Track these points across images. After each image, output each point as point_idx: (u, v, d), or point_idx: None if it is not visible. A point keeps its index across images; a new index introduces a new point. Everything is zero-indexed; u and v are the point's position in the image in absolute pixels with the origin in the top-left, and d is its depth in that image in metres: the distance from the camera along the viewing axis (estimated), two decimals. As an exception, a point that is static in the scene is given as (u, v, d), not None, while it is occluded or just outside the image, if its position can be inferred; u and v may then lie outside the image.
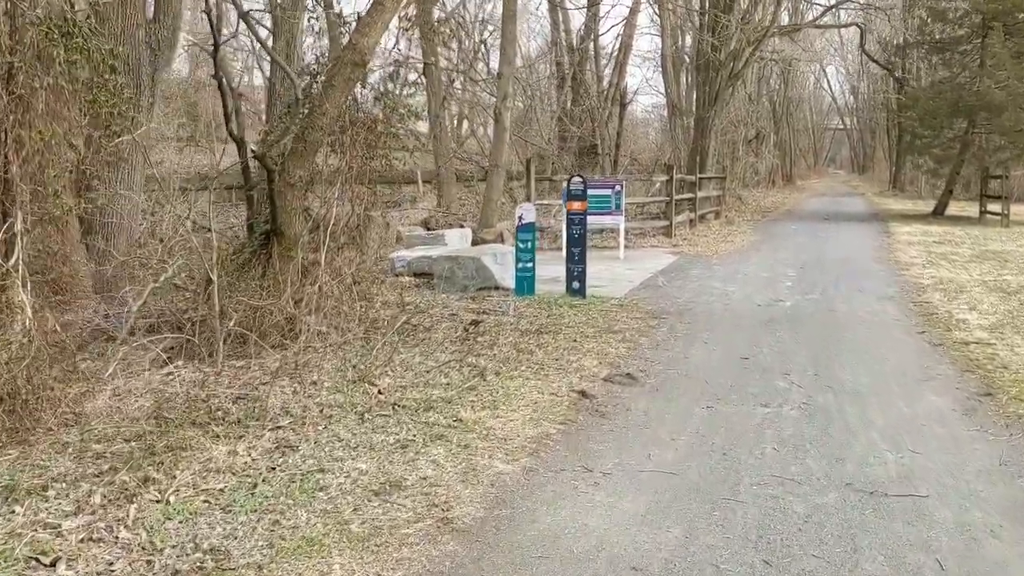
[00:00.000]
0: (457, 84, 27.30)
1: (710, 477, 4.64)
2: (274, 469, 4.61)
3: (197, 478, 4.43)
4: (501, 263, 10.81)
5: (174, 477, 4.41)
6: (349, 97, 8.12)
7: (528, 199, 16.19)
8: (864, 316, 9.33)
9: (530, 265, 10.31)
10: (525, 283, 10.32)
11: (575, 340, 7.88)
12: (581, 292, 10.21)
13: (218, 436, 5.03)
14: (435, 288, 11.01)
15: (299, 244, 8.11)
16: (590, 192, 14.26)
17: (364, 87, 8.40)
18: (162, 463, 4.56)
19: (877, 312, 9.58)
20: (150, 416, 5.33)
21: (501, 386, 6.25)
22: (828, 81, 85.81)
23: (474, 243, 15.49)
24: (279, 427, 5.25)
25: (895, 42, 33.73)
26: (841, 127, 75.91)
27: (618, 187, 14.72)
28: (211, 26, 10.78)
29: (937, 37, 25.33)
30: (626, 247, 15.98)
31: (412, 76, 28.34)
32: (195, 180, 15.66)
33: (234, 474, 4.51)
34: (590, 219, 14.60)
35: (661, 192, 21.86)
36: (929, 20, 26.45)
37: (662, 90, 33.38)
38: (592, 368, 6.86)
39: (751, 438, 5.26)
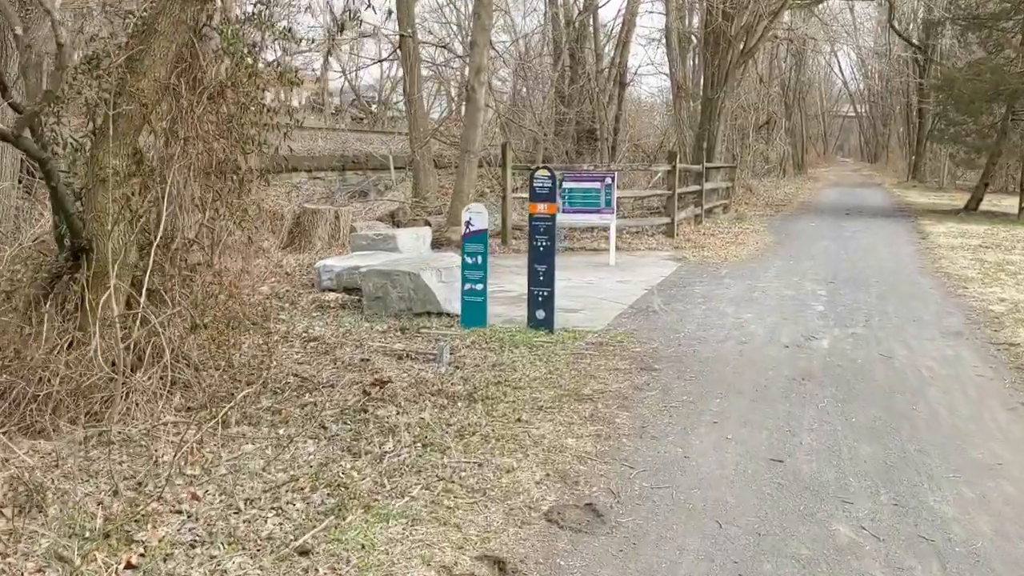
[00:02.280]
0: (440, 59, 24.48)
1: None
2: None
3: None
4: (446, 280, 8.09)
5: None
6: (184, 47, 5.36)
7: (503, 192, 13.44)
8: (934, 370, 6.58)
9: (480, 288, 7.58)
10: (473, 311, 7.61)
11: (520, 420, 5.16)
12: (547, 324, 7.49)
13: None
14: (364, 311, 8.32)
15: (118, 265, 5.39)
16: (574, 186, 11.54)
17: (210, 29, 5.62)
18: None
19: (950, 361, 6.83)
20: None
21: (360, 541, 3.54)
22: (840, 65, 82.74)
23: (435, 245, 12.76)
24: None
25: (921, 18, 30.69)
26: (852, 114, 72.76)
27: (609, 179, 11.96)
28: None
29: (974, 12, 22.36)
30: (619, 249, 13.23)
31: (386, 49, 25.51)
32: None
33: None
34: (574, 218, 11.88)
35: (662, 183, 19.11)
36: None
37: (667, 71, 30.49)
38: (532, 490, 4.14)
39: None
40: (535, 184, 7.46)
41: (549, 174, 7.42)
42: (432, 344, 7.05)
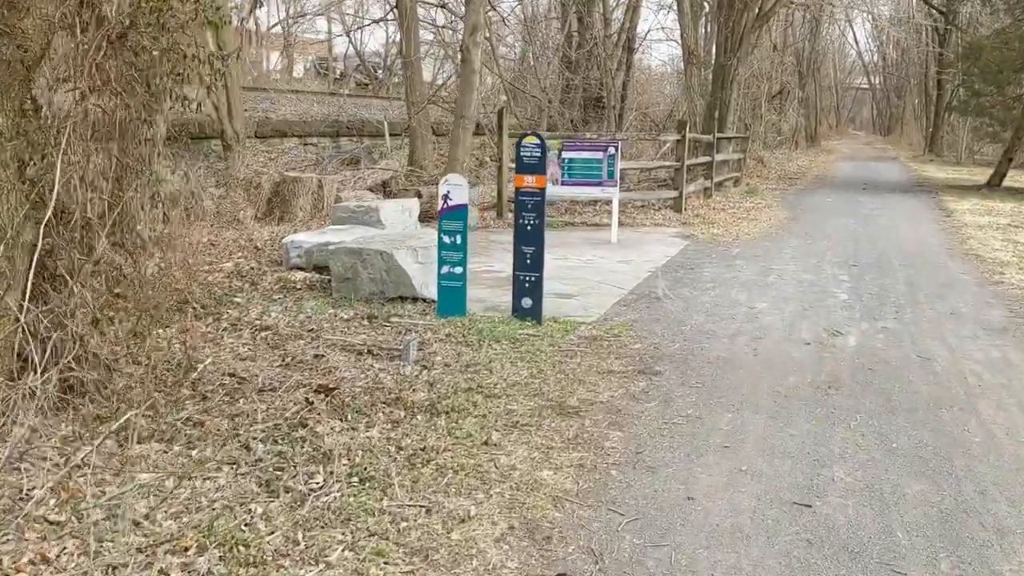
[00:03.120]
0: (441, 20, 23.26)
1: None
2: None
3: None
4: (424, 261, 7.11)
5: None
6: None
7: (499, 161, 12.40)
8: (982, 377, 5.59)
9: (459, 271, 6.60)
10: (451, 298, 6.62)
11: (487, 442, 4.20)
12: (534, 314, 6.51)
13: None
14: (333, 294, 7.36)
15: (6, 245, 4.41)
16: (574, 156, 10.51)
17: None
18: None
19: (998, 366, 5.84)
20: None
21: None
22: (854, 35, 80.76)
23: (425, 218, 11.76)
24: None
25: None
26: (864, 86, 71.04)
27: (612, 149, 10.91)
28: None
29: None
30: (623, 225, 12.21)
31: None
32: None
33: None
34: (574, 190, 10.86)
35: (670, 154, 18.03)
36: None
37: (677, 37, 29.19)
38: (489, 550, 3.18)
39: None
40: (522, 153, 6.44)
41: (538, 142, 6.40)
42: (400, 337, 6.09)
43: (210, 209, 12.17)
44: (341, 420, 4.41)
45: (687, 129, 14.12)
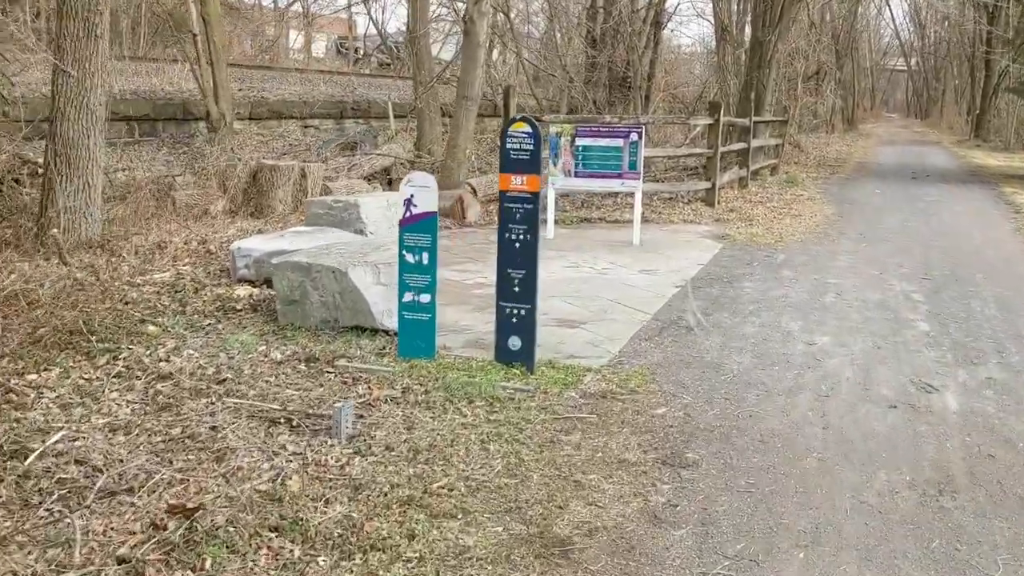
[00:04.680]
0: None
1: None
2: None
3: None
4: (388, 282, 5.45)
5: None
6: None
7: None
8: None
9: (427, 300, 4.93)
10: (415, 335, 4.96)
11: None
12: (524, 358, 4.83)
13: None
14: (279, 320, 5.74)
15: None
16: (590, 143, 8.82)
17: None
18: None
19: None
20: None
21: None
22: (891, 13, 77.91)
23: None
24: None
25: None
26: (900, 68, 68.22)
27: (634, 135, 9.15)
28: None
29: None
30: (647, 221, 10.49)
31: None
32: None
33: None
34: (590, 183, 9.15)
35: (700, 139, 16.18)
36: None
37: (708, 14, 27.19)
38: None
39: None
40: (508, 145, 4.74)
41: (529, 130, 4.70)
42: (343, 391, 4.45)
43: (180, 201, 10.61)
44: (193, 573, 2.78)
45: (721, 111, 12.30)
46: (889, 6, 53.43)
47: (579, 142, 9.24)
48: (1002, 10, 28.55)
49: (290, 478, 3.45)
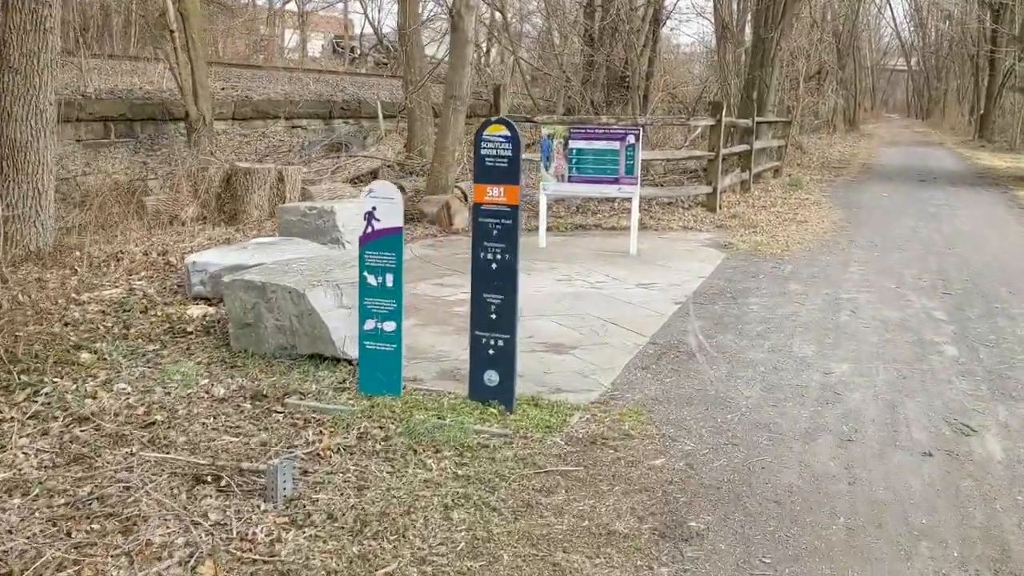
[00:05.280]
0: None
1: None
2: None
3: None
4: (352, 305, 4.79)
5: None
6: None
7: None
8: None
9: (391, 328, 4.28)
10: (379, 367, 4.32)
11: None
12: (502, 395, 4.18)
13: None
14: (232, 345, 5.10)
15: None
16: (584, 145, 8.18)
17: None
18: None
19: None
20: None
21: None
22: (892, 12, 77.40)
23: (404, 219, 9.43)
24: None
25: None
26: (900, 67, 67.57)
27: (631, 137, 8.51)
28: None
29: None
30: (645, 228, 9.86)
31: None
32: None
33: None
34: (585, 188, 8.52)
35: (701, 140, 15.54)
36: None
37: (706, 14, 26.52)
38: None
39: None
40: (483, 151, 4.09)
41: (507, 133, 4.04)
42: (286, 440, 3.80)
43: (151, 207, 9.96)
44: None
45: (723, 112, 11.65)
46: (890, 5, 52.73)
47: (573, 145, 8.59)
48: (1008, 8, 27.89)
49: (204, 561, 2.80)
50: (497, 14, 21.94)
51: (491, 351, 4.16)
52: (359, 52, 38.27)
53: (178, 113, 13.80)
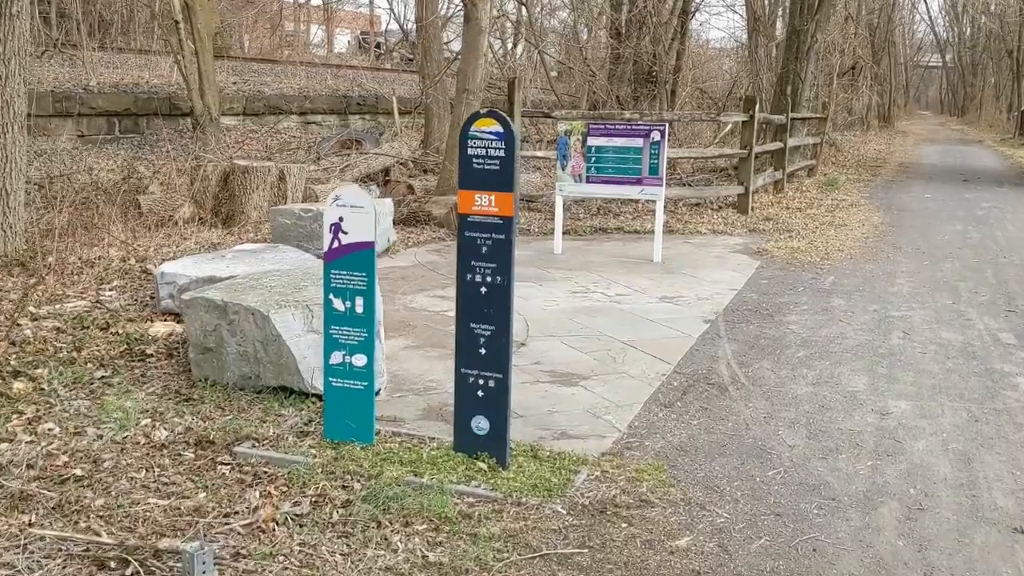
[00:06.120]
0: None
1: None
2: None
3: None
4: (321, 330, 4.05)
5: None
6: None
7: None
8: None
9: (362, 363, 3.54)
10: (349, 409, 3.57)
11: None
12: (494, 445, 3.42)
13: None
14: (192, 369, 4.40)
15: None
16: (603, 143, 7.42)
17: None
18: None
19: None
20: None
21: None
22: (927, 7, 75.76)
23: (411, 222, 8.78)
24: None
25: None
26: (934, 64, 65.85)
27: (656, 134, 7.71)
28: None
29: None
30: (670, 232, 9.07)
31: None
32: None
33: None
34: (604, 189, 7.75)
35: (730, 138, 14.69)
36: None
37: (738, 6, 25.53)
38: None
39: None
40: (471, 151, 3.34)
41: (500, 129, 3.28)
42: (227, 503, 3.08)
43: (146, 206, 9.32)
44: None
45: (756, 107, 10.79)
46: (926, 1, 51.14)
47: (591, 142, 7.81)
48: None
49: None
50: (523, 8, 21.18)
51: (480, 393, 3.40)
52: (385, 48, 37.66)
53: (186, 108, 13.20)
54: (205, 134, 12.27)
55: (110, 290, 6.10)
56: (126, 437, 3.63)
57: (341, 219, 3.48)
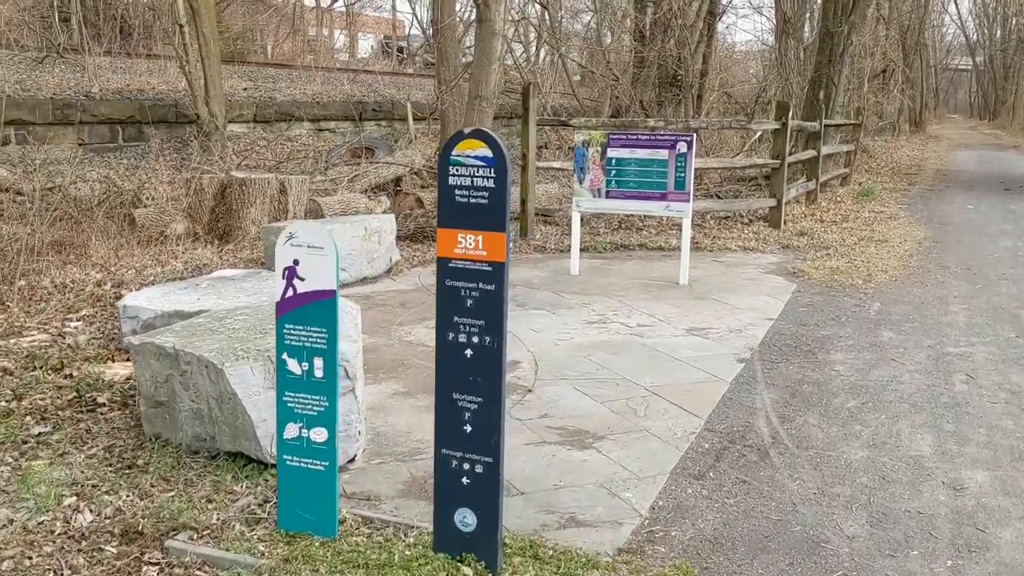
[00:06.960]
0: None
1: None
2: None
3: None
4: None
5: None
6: None
7: (523, 157, 8.59)
8: None
9: (322, 437, 2.86)
10: (305, 495, 2.89)
11: None
12: (482, 546, 2.72)
13: None
14: (144, 425, 3.74)
15: None
16: (625, 155, 6.72)
17: None
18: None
19: None
20: None
21: None
22: (957, 9, 74.15)
23: (418, 238, 8.12)
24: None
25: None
26: (964, 67, 64.36)
27: (683, 145, 6.98)
28: None
29: None
30: (698, 248, 8.36)
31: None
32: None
33: None
34: (626, 205, 7.04)
35: (758, 146, 13.93)
36: None
37: (766, 8, 24.70)
38: None
39: None
40: (453, 180, 2.65)
41: (488, 154, 2.59)
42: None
43: (140, 220, 8.73)
44: None
45: (789, 114, 10.02)
46: (955, 1, 49.75)
47: (611, 154, 7.10)
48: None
49: None
50: (545, 12, 20.51)
51: (466, 480, 2.71)
52: (407, 52, 37.12)
53: (192, 115, 12.62)
54: (209, 143, 11.71)
55: (77, 320, 5.49)
56: (41, 523, 2.98)
57: (296, 262, 2.81)
